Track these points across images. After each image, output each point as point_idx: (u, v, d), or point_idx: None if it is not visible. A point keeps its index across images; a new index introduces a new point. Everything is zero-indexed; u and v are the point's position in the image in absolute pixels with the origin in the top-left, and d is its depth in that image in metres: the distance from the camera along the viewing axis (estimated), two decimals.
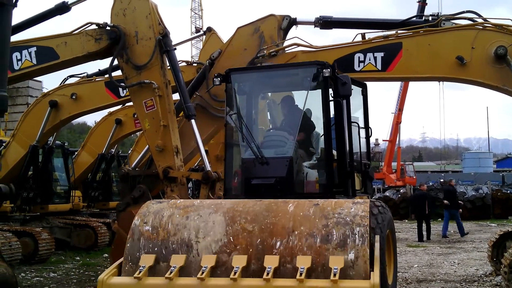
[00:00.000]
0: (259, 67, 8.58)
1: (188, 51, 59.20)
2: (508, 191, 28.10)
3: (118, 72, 10.07)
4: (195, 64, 11.42)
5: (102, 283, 4.38)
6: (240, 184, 6.95)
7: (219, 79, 7.25)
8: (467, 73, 8.42)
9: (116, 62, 9.16)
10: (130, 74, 8.97)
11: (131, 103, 11.77)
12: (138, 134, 18.75)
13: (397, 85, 37.44)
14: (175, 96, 9.51)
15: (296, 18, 9.79)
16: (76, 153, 17.62)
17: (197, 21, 62.04)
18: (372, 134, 8.11)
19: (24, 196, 14.03)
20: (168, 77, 9.04)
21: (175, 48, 9.19)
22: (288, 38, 9.76)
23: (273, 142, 7.22)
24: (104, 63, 10.91)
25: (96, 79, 13.32)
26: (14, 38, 9.65)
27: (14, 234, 11.97)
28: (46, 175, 14.88)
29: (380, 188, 35.52)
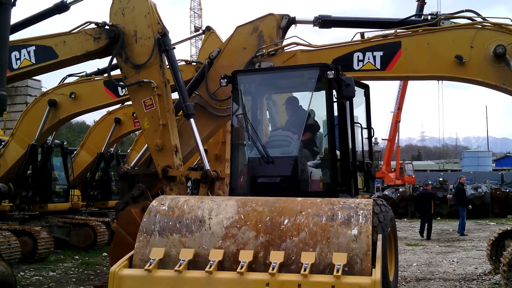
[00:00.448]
0: (264, 69, 8.69)
1: (187, 50, 59.25)
2: (507, 190, 28.16)
3: (117, 71, 10.06)
4: (194, 63, 11.42)
5: (113, 275, 4.55)
6: (246, 182, 7.13)
7: (225, 80, 7.39)
8: (466, 72, 8.41)
9: (115, 61, 9.16)
10: (129, 73, 8.96)
11: (130, 102, 11.79)
12: (137, 133, 18.76)
13: (396, 84, 37.45)
14: (174, 95, 9.52)
15: (295, 17, 9.78)
16: (75, 152, 17.62)
17: (196, 20, 61.97)
18: (374, 134, 8.24)
19: (23, 195, 14.02)
20: (167, 76, 9.04)
21: (174, 47, 9.19)
22: (287, 37, 9.75)
23: (278, 142, 7.38)
24: (103, 62, 10.89)
25: (95, 78, 13.31)
26: (13, 37, 9.65)
27: (13, 233, 11.98)
28: (45, 174, 14.86)
29: (379, 187, 35.50)
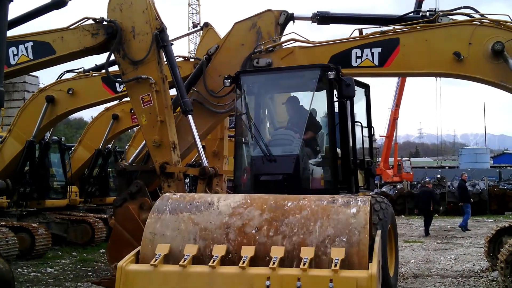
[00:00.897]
0: (267, 69, 8.78)
1: (185, 46, 58.97)
2: (505, 187, 28.20)
3: (115, 68, 10.04)
4: (192, 60, 11.39)
5: (121, 270, 4.67)
6: (249, 180, 7.30)
7: (229, 80, 7.61)
8: (464, 69, 8.41)
9: (112, 57, 9.13)
10: (126, 69, 8.93)
11: (128, 99, 11.75)
12: (135, 129, 18.71)
13: (394, 80, 37.48)
14: (172, 91, 9.50)
15: (293, 13, 9.77)
16: (73, 148, 17.59)
17: (194, 16, 61.71)
18: (374, 133, 8.37)
19: (20, 192, 14.01)
20: (165, 72, 9.01)
21: (172, 43, 9.15)
22: (285, 33, 9.74)
23: (280, 141, 7.54)
24: (101, 58, 10.88)
25: (93, 74, 13.31)
26: (11, 33, 9.62)
27: (11, 230, 11.96)
28: (43, 171, 14.85)
29: (377, 183, 35.54)
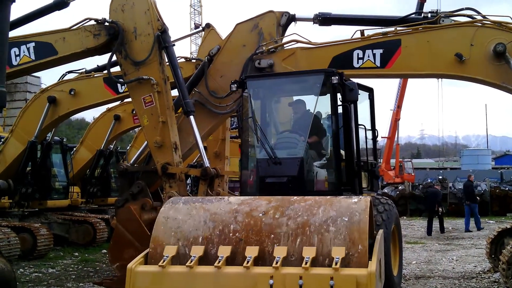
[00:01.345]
0: (273, 74, 8.89)
1: (187, 47, 59.08)
2: (507, 188, 28.14)
3: (116, 68, 10.05)
4: (194, 60, 11.38)
5: (130, 271, 4.88)
6: (255, 182, 7.48)
7: (235, 85, 7.79)
8: (466, 70, 8.40)
9: (114, 58, 9.14)
10: (128, 70, 8.94)
11: (129, 99, 11.77)
12: (136, 130, 18.74)
13: (395, 82, 37.44)
14: (174, 92, 9.51)
15: (295, 14, 9.78)
16: (74, 149, 17.60)
17: (196, 17, 61.74)
18: (378, 135, 8.47)
19: (22, 192, 14.04)
20: (166, 73, 9.02)
21: (174, 44, 9.17)
22: (287, 34, 9.75)
23: (285, 144, 7.70)
24: (103, 59, 10.88)
25: (95, 75, 13.31)
26: (13, 34, 9.64)
27: (13, 230, 11.98)
28: (45, 171, 14.87)
29: (379, 184, 35.50)
